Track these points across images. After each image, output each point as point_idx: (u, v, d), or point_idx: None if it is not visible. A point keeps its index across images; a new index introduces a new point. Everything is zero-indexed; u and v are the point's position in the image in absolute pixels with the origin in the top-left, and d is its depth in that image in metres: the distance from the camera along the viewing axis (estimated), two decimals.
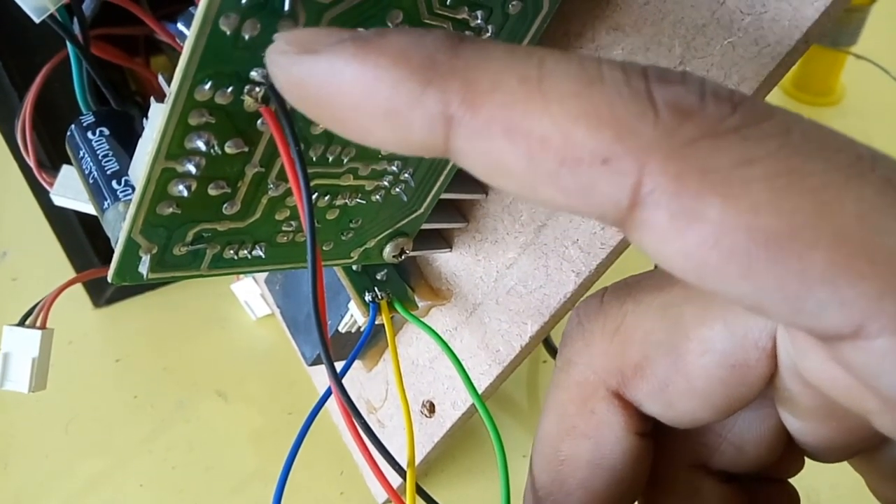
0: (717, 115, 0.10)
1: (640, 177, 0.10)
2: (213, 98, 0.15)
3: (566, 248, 0.23)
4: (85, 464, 0.35)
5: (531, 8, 0.18)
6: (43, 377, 0.24)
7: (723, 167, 0.10)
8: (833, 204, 0.09)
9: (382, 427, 0.30)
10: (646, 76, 0.10)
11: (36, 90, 0.26)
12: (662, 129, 0.10)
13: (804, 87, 0.62)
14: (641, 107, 0.10)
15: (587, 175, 0.10)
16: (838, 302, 0.09)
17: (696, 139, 0.10)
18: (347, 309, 0.25)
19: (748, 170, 0.10)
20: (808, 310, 0.10)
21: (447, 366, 0.27)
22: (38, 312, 0.24)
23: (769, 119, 0.10)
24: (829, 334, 0.10)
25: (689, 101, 0.10)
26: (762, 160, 0.10)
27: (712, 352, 0.14)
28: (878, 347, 0.09)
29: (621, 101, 0.10)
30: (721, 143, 0.10)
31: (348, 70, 0.11)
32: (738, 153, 0.10)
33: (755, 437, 0.16)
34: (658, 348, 0.14)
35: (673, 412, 0.15)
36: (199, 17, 0.14)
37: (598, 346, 0.15)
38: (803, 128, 0.10)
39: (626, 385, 0.15)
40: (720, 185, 0.10)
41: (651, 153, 0.10)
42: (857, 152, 0.10)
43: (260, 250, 0.19)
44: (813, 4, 0.18)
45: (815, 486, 0.33)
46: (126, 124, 0.21)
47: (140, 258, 0.17)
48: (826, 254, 0.09)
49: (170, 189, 0.16)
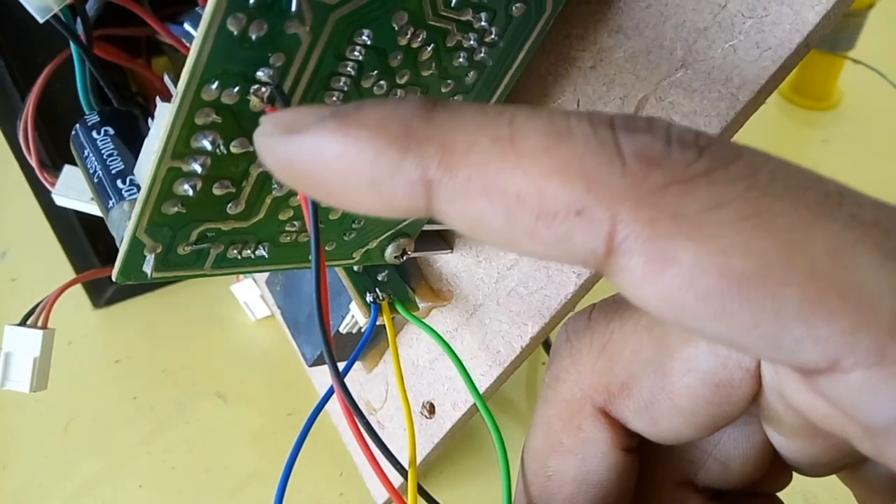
0: (684, 160, 0.10)
1: (613, 225, 0.10)
2: (219, 98, 0.15)
3: None
4: (84, 464, 0.35)
5: (534, 10, 0.19)
6: (44, 377, 0.24)
7: (692, 212, 0.10)
8: (802, 243, 0.10)
9: (383, 428, 0.30)
10: (612, 126, 0.11)
11: (38, 90, 0.26)
12: (631, 178, 0.10)
13: (802, 92, 0.62)
14: (609, 157, 0.10)
15: (563, 227, 0.10)
16: (813, 338, 0.10)
17: (664, 186, 0.10)
18: (349, 310, 0.25)
19: (717, 213, 0.10)
20: (784, 346, 0.10)
21: (447, 367, 0.27)
22: (39, 312, 0.24)
23: (736, 161, 0.10)
24: (807, 368, 0.10)
25: (655, 148, 0.10)
26: (730, 203, 0.10)
27: (696, 371, 0.14)
28: (853, 381, 0.10)
29: (590, 153, 0.10)
30: (689, 189, 0.10)
31: (331, 146, 0.11)
32: (707, 197, 0.10)
33: (741, 453, 0.16)
34: (644, 367, 0.15)
35: (658, 430, 0.15)
36: (206, 17, 0.14)
37: (586, 363, 0.15)
38: (770, 168, 0.10)
39: (612, 402, 0.15)
40: (691, 230, 0.10)
41: (621, 202, 0.10)
42: (824, 189, 0.10)
43: (263, 250, 0.19)
44: (814, 8, 0.18)
45: (812, 489, 0.33)
46: (130, 124, 0.21)
47: (145, 257, 0.17)
48: (798, 292, 0.10)
49: (175, 188, 0.16)
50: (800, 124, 0.62)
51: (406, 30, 0.17)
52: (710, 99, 0.20)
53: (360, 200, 0.12)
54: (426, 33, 0.17)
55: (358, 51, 0.16)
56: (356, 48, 0.16)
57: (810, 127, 0.61)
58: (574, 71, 0.22)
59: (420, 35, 0.17)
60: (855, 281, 0.10)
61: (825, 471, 0.16)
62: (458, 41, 0.18)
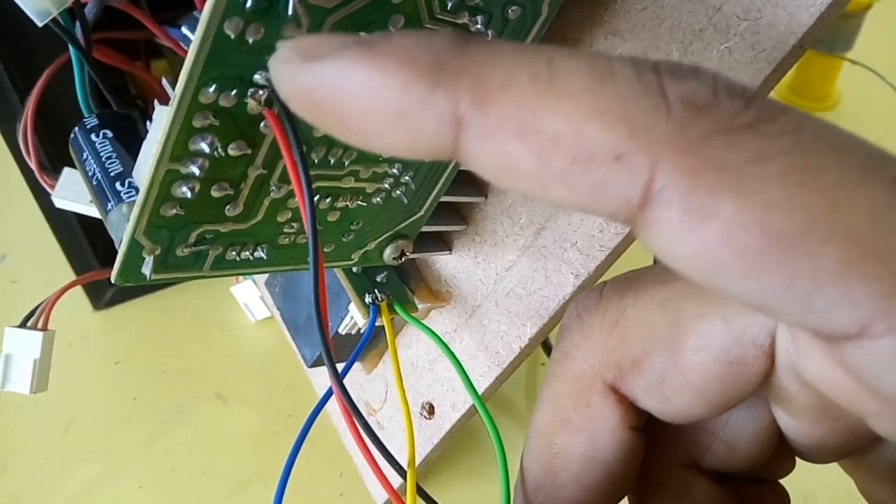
0: (731, 110, 0.10)
1: (652, 173, 0.10)
2: (217, 101, 0.15)
3: (565, 250, 0.23)
4: (84, 466, 0.35)
5: (530, 13, 0.19)
6: (44, 378, 0.25)
7: (736, 163, 0.10)
8: (845, 202, 0.09)
9: (382, 429, 0.30)
10: (657, 71, 0.10)
11: (37, 94, 0.26)
12: (675, 125, 0.10)
13: (800, 93, 0.62)
14: (654, 102, 0.10)
15: (599, 172, 0.10)
16: (847, 301, 0.09)
17: (709, 135, 0.10)
18: (348, 311, 0.25)
19: (763, 166, 0.10)
20: (816, 308, 0.10)
21: (447, 367, 0.27)
22: (39, 314, 0.24)
23: (782, 116, 0.10)
24: (835, 334, 0.10)
25: (702, 96, 0.10)
26: (777, 157, 0.10)
27: (710, 348, 0.14)
28: (881, 347, 0.10)
29: (633, 96, 0.10)
30: (735, 140, 0.10)
31: (355, 75, 0.11)
32: (753, 149, 0.10)
33: (747, 435, 0.16)
34: (656, 343, 0.14)
35: (668, 407, 0.15)
36: (203, 20, 0.14)
37: (597, 339, 0.15)
38: (815, 125, 0.10)
39: (622, 379, 0.15)
40: (734, 182, 0.09)
41: (664, 149, 0.10)
42: (867, 151, 0.10)
43: (262, 252, 0.19)
44: (808, 10, 0.18)
45: (811, 488, 0.33)
46: (129, 127, 0.21)
47: (143, 259, 0.17)
48: (837, 252, 0.09)
49: (173, 190, 0.16)
50: None
51: None
52: None
53: (382, 136, 0.11)
54: None
55: None
56: None
57: None
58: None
59: None
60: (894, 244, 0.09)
61: (830, 457, 0.16)
62: None
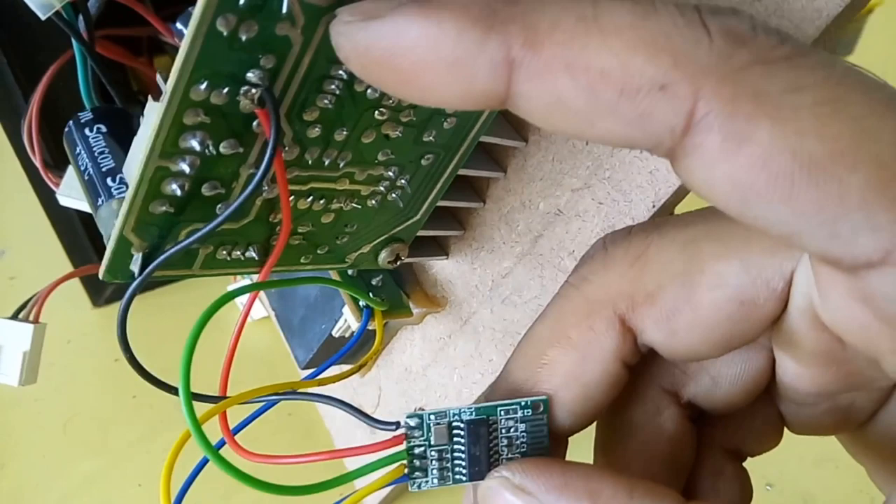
0: (769, 43, 0.11)
1: (695, 101, 0.10)
2: (208, 98, 0.15)
3: (562, 259, 0.23)
4: (82, 463, 0.35)
5: None
6: (34, 371, 0.24)
7: (774, 92, 0.10)
8: (873, 131, 0.10)
9: (374, 433, 0.30)
10: (699, 9, 0.11)
11: (42, 90, 0.26)
12: (717, 54, 0.10)
13: None
14: (697, 34, 0.11)
15: (645, 102, 0.11)
16: (871, 226, 0.10)
17: (749, 64, 0.10)
18: (341, 313, 0.25)
19: (797, 96, 0.10)
20: (841, 234, 0.10)
21: (440, 374, 0.27)
22: (31, 306, 0.24)
23: (815, 52, 0.11)
24: (859, 261, 0.11)
25: (742, 29, 0.11)
26: (810, 87, 0.10)
27: (724, 286, 0.14)
28: None
29: (676, 29, 0.11)
30: (773, 70, 0.10)
31: (413, 28, 0.11)
32: (789, 79, 0.10)
33: (733, 374, 0.17)
34: (673, 278, 0.15)
35: (674, 341, 0.15)
36: (196, 17, 0.14)
37: (617, 269, 0.16)
38: (845, 64, 0.11)
39: (633, 310, 0.15)
40: (771, 109, 0.10)
41: (706, 77, 0.10)
42: (891, 90, 0.11)
43: (253, 252, 0.19)
44: (814, 23, 0.18)
45: (811, 490, 0.32)
46: (124, 122, 0.21)
47: (132, 256, 0.17)
48: (863, 178, 0.10)
49: (163, 188, 0.16)
50: None
51: None
52: None
53: (438, 85, 0.12)
54: None
55: None
56: None
57: None
58: None
59: None
60: None
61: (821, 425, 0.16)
62: None
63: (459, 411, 0.15)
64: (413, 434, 0.15)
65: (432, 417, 0.15)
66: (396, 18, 0.12)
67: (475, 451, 0.15)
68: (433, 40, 0.11)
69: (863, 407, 0.16)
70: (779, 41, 0.11)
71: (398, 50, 0.12)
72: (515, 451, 0.16)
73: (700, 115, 0.10)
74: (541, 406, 0.16)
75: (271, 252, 0.19)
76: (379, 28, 0.12)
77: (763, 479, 0.32)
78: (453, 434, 0.15)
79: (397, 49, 0.12)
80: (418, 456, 0.15)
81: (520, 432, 0.16)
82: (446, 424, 0.15)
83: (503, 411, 0.16)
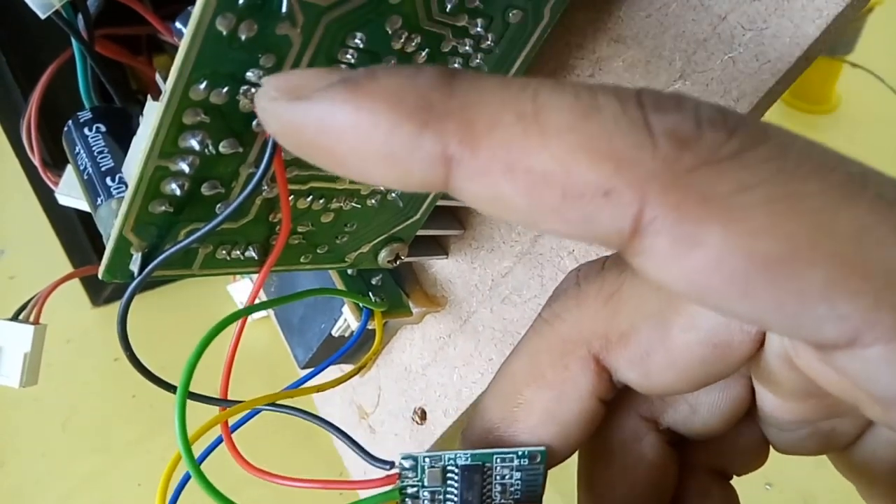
0: (715, 142, 0.10)
1: (641, 206, 0.10)
2: (208, 98, 0.15)
3: (561, 258, 0.23)
4: (82, 462, 0.35)
5: (531, 17, 0.18)
6: (34, 372, 0.24)
7: (722, 194, 0.10)
8: (829, 224, 0.10)
9: (373, 433, 0.30)
10: (641, 104, 0.10)
11: (41, 89, 0.26)
12: (661, 160, 0.10)
13: (800, 96, 0.62)
14: (639, 137, 0.10)
15: (590, 207, 0.10)
16: (835, 316, 0.10)
17: (695, 167, 0.10)
18: (341, 313, 0.25)
19: (747, 195, 0.10)
20: (806, 324, 0.10)
21: (440, 373, 0.27)
22: (31, 307, 0.24)
23: (765, 142, 0.10)
24: (827, 345, 0.10)
25: (686, 128, 0.10)
26: (760, 185, 0.10)
27: (697, 329, 0.14)
28: (871, 355, 0.10)
29: (619, 131, 0.10)
30: (720, 170, 0.10)
31: (342, 116, 0.11)
32: (737, 179, 0.10)
33: (711, 402, 0.17)
34: (646, 319, 0.15)
35: (648, 381, 0.15)
36: (195, 16, 0.14)
37: (590, 307, 0.15)
38: (799, 148, 0.10)
39: (607, 350, 0.15)
40: (720, 212, 0.10)
41: (651, 183, 0.10)
42: (848, 171, 0.10)
43: (253, 251, 0.19)
44: (814, 22, 0.18)
45: (812, 491, 0.32)
46: (123, 121, 0.21)
47: (131, 256, 0.17)
48: (823, 273, 0.10)
49: (162, 187, 0.16)
50: (799, 127, 0.61)
51: (400, 34, 0.17)
52: None
53: (373, 173, 0.11)
54: (420, 38, 0.17)
55: (350, 54, 0.16)
56: (349, 51, 0.16)
57: (809, 130, 0.61)
58: (572, 79, 0.22)
59: (414, 39, 0.17)
60: (878, 260, 0.10)
61: (807, 443, 0.16)
62: (454, 46, 0.18)
63: (455, 456, 0.15)
64: (407, 475, 0.15)
65: (427, 460, 0.15)
66: (324, 103, 0.11)
67: (468, 496, 0.15)
68: (365, 131, 0.11)
69: (846, 432, 0.16)
70: (726, 136, 0.10)
71: (328, 136, 0.11)
72: (509, 498, 0.16)
73: (647, 219, 0.10)
74: (538, 457, 0.16)
75: (271, 251, 0.19)
76: (307, 111, 0.11)
77: (763, 478, 0.32)
78: (447, 478, 0.15)
79: (327, 135, 0.11)
80: (411, 496, 0.15)
81: (514, 480, 0.16)
82: (440, 468, 0.15)
83: (499, 459, 0.16)
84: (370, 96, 0.11)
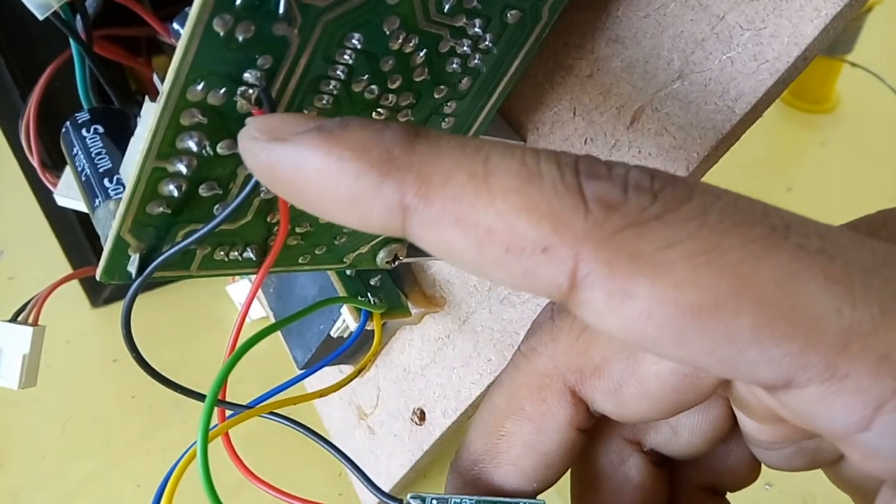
0: (639, 205, 0.11)
1: (576, 263, 0.11)
2: (205, 98, 0.15)
3: None
4: (82, 464, 0.35)
5: (530, 17, 0.18)
6: (33, 374, 0.24)
7: (648, 251, 0.11)
8: (751, 275, 0.11)
9: (372, 433, 0.30)
10: (577, 172, 0.12)
11: (40, 90, 0.26)
12: (592, 222, 0.11)
13: (800, 95, 0.62)
14: (574, 201, 0.11)
15: (530, 261, 0.11)
16: (767, 360, 0.11)
17: (621, 229, 0.11)
18: (340, 314, 0.25)
19: (671, 252, 0.11)
20: (741, 368, 0.11)
21: (438, 374, 0.27)
22: (30, 309, 0.24)
23: (688, 203, 0.11)
24: (765, 386, 0.11)
25: (613, 195, 0.11)
26: (683, 242, 0.11)
27: (666, 360, 0.15)
28: (808, 395, 0.11)
29: (557, 196, 0.11)
30: (644, 231, 0.11)
31: (314, 160, 0.12)
32: (662, 237, 0.11)
33: (691, 423, 0.17)
34: (618, 352, 0.16)
35: (623, 411, 0.16)
36: (192, 17, 0.14)
37: (565, 342, 0.16)
38: (721, 206, 0.11)
39: (583, 382, 0.16)
40: (646, 267, 0.11)
41: (583, 242, 0.11)
42: (770, 223, 0.11)
43: (251, 253, 0.19)
44: (813, 22, 0.17)
45: (811, 491, 0.32)
46: (121, 123, 0.21)
47: (129, 257, 0.17)
48: (749, 320, 0.11)
49: (160, 189, 0.16)
50: (798, 127, 0.62)
51: (398, 34, 0.17)
52: (707, 111, 0.19)
53: (337, 214, 0.12)
54: (418, 38, 0.17)
55: (348, 54, 0.16)
56: (346, 52, 0.16)
57: (809, 130, 0.61)
58: (571, 79, 0.22)
59: (412, 40, 0.17)
60: (802, 306, 0.11)
61: (792, 466, 0.17)
62: (452, 47, 0.18)
63: (461, 501, 0.16)
64: None
65: (434, 502, 0.16)
66: (299, 147, 0.12)
67: None
68: (332, 175, 0.12)
69: (830, 449, 0.16)
70: (650, 200, 0.11)
71: (299, 177, 0.12)
72: None
73: (582, 274, 0.11)
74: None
75: (269, 252, 0.19)
76: (282, 152, 0.12)
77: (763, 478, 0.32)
78: None
79: (298, 176, 0.12)
80: None
81: None
82: None
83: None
84: (340, 145, 0.12)
